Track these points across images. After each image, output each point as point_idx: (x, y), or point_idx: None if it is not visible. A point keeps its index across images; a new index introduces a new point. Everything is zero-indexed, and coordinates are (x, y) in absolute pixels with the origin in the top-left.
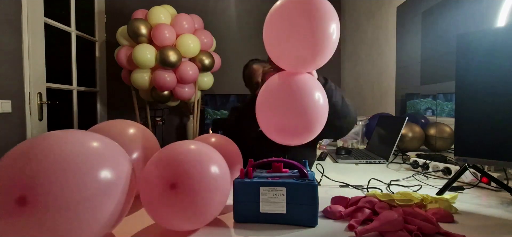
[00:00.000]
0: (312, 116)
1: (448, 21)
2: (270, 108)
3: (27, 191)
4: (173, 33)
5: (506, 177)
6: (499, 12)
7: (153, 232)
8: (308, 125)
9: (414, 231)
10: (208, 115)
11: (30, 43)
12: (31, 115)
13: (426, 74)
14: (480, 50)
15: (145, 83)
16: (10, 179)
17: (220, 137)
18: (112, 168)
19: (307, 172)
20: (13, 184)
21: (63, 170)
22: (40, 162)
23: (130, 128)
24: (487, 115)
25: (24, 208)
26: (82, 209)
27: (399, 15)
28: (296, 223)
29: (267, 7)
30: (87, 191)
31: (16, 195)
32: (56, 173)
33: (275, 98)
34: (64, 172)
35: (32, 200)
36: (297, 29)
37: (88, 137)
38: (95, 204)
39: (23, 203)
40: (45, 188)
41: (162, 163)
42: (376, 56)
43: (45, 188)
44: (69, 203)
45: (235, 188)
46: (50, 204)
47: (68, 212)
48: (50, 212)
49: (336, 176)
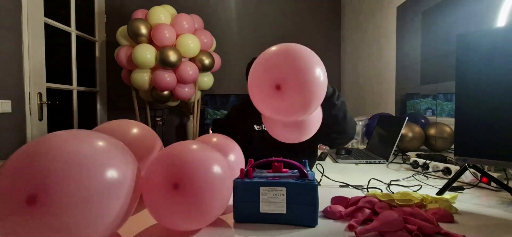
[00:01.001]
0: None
1: (448, 21)
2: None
3: (37, 190)
4: (173, 33)
5: (506, 177)
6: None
7: (156, 232)
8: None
9: (414, 231)
10: (208, 115)
11: (30, 43)
12: (31, 115)
13: (426, 74)
14: (480, 50)
15: (145, 83)
16: (20, 178)
17: (222, 137)
18: (119, 168)
19: (307, 172)
20: (23, 183)
21: (71, 169)
22: (49, 161)
23: (134, 128)
24: (487, 115)
25: (34, 207)
26: (90, 208)
27: (399, 15)
28: (296, 223)
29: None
30: (95, 190)
31: (26, 194)
32: (65, 172)
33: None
34: (72, 171)
35: (42, 199)
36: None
37: (95, 137)
38: (103, 203)
39: (33, 202)
40: (55, 187)
41: (164, 163)
42: (376, 56)
43: (55, 187)
44: (77, 201)
45: (235, 188)
46: (59, 203)
47: (77, 210)
48: (59, 211)
49: (336, 176)
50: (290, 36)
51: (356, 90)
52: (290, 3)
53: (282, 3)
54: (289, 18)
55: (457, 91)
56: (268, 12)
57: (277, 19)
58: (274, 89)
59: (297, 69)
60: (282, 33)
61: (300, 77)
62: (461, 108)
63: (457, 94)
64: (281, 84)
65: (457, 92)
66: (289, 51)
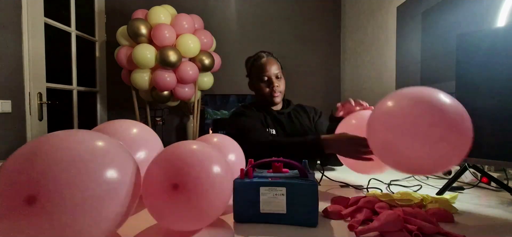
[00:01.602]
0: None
1: (448, 21)
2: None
3: (36, 190)
4: (173, 33)
5: (506, 177)
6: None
7: (156, 232)
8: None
9: (414, 231)
10: (208, 115)
11: (30, 43)
12: (31, 115)
13: (426, 74)
14: (480, 50)
15: (145, 83)
16: (19, 178)
17: (222, 137)
18: (118, 168)
19: (307, 172)
20: (22, 184)
21: (70, 169)
22: (48, 161)
23: (134, 128)
24: (487, 115)
25: (33, 207)
26: (89, 209)
27: (399, 15)
28: (296, 223)
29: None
30: (93, 191)
31: (25, 194)
32: (64, 173)
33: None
34: (71, 172)
35: (41, 199)
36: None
37: (94, 137)
38: (102, 204)
39: (32, 202)
40: (54, 187)
41: (164, 163)
42: (376, 56)
43: (54, 187)
44: (76, 202)
45: (235, 188)
46: (58, 204)
47: (75, 211)
48: (58, 211)
49: (336, 176)
50: (290, 36)
51: (356, 90)
52: (290, 3)
53: (282, 3)
54: (289, 18)
55: (457, 91)
56: (268, 12)
57: (277, 19)
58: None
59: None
60: (282, 33)
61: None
62: None
63: (457, 94)
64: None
65: (457, 92)
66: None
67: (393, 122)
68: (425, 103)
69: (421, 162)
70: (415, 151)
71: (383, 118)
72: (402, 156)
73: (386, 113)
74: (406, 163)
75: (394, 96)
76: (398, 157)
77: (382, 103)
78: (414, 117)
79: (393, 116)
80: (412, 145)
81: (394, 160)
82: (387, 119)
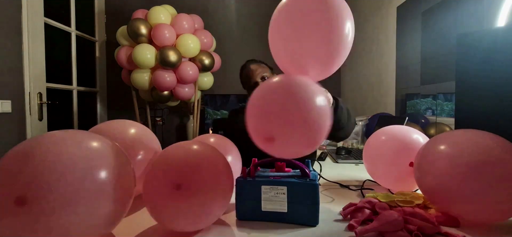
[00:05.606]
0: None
1: (448, 21)
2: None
3: (26, 191)
4: (173, 33)
5: None
6: (499, 12)
7: (155, 233)
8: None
9: (414, 231)
10: (208, 115)
11: (30, 43)
12: (31, 115)
13: (426, 74)
14: (480, 50)
15: (145, 83)
16: (9, 179)
17: (219, 138)
18: (110, 168)
19: (309, 172)
20: (12, 185)
21: (61, 170)
22: (39, 162)
23: (131, 128)
24: (487, 115)
25: (23, 208)
26: (79, 209)
27: (399, 15)
28: (297, 222)
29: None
30: (84, 191)
31: (15, 195)
32: (54, 174)
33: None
34: (62, 172)
35: (31, 200)
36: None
37: (86, 137)
38: (93, 204)
39: (22, 203)
40: (43, 188)
41: (166, 164)
42: (376, 56)
43: (43, 188)
44: (67, 202)
45: (237, 187)
46: (48, 204)
47: (66, 211)
48: (48, 212)
49: (336, 176)
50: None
51: (356, 90)
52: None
53: None
54: None
55: (457, 91)
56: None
57: None
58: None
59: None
60: None
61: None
62: (461, 108)
63: (457, 94)
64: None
65: (457, 92)
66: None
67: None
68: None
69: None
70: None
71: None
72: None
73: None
74: None
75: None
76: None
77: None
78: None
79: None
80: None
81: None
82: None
